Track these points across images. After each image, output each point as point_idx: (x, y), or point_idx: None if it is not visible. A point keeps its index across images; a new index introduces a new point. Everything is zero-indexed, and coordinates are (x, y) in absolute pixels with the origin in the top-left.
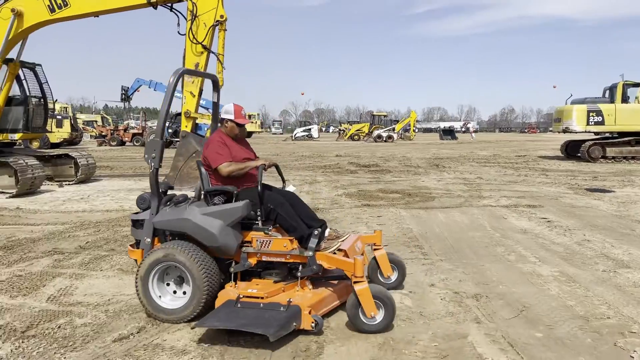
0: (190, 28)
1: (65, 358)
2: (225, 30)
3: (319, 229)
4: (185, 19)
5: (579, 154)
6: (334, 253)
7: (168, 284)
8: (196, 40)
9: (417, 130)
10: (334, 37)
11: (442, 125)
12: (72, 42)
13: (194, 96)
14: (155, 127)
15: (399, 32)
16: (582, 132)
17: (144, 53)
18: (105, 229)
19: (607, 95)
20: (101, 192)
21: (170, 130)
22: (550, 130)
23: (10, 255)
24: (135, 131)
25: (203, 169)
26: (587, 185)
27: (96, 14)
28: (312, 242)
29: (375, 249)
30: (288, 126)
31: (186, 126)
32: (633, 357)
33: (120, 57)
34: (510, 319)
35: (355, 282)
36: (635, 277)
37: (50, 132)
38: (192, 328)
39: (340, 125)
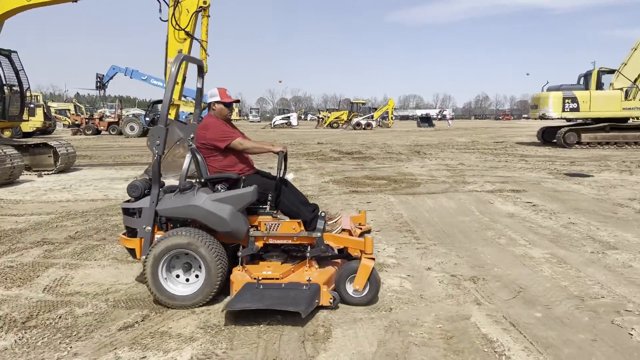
0: (173, 14)
1: (71, 347)
2: (208, 16)
3: (324, 212)
4: (167, 5)
5: (555, 140)
6: (339, 233)
7: (173, 268)
8: (179, 26)
9: (394, 118)
10: (311, 24)
11: (419, 112)
12: (41, 28)
13: (177, 83)
14: (131, 116)
15: (375, 19)
16: (558, 118)
17: (118, 40)
18: (94, 219)
19: (582, 82)
20: (83, 182)
21: (147, 119)
22: (525, 117)
23: None
24: (111, 120)
25: (199, 156)
26: (566, 170)
27: None
28: (320, 224)
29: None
30: (265, 114)
31: (170, 114)
32: (632, 335)
33: (93, 44)
34: (509, 300)
35: (366, 258)
36: (624, 258)
37: (27, 120)
38: (222, 311)
39: (319, 113)
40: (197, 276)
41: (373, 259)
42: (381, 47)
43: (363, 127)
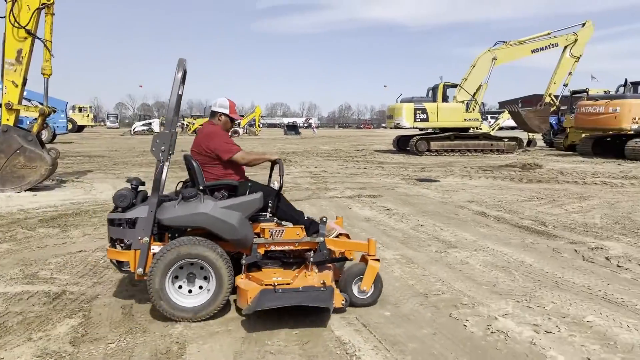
0: (12, 10)
1: None
2: (53, 14)
3: (325, 217)
4: (5, 0)
5: (408, 148)
6: (337, 237)
7: (176, 279)
8: (18, 24)
9: (262, 126)
10: (173, 29)
11: (286, 120)
12: None
13: (17, 86)
14: None
15: (241, 27)
16: (411, 127)
17: None
18: None
19: (430, 94)
20: None
21: None
22: (383, 126)
23: None
24: None
25: (195, 163)
26: (417, 175)
27: None
28: (322, 229)
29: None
30: (125, 120)
31: (7, 119)
32: (466, 326)
33: None
34: None
35: (372, 260)
36: (462, 256)
37: None
38: (245, 314)
39: (183, 120)
40: (201, 287)
41: (378, 260)
42: (248, 54)
43: (230, 134)
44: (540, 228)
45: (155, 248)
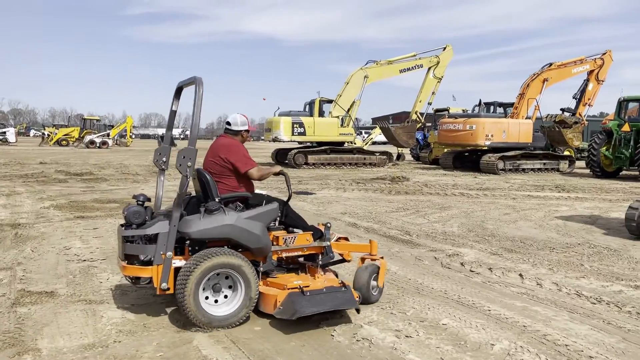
0: None
1: None
2: None
3: (329, 223)
4: None
5: (286, 161)
6: (338, 241)
7: (216, 300)
8: None
9: (134, 136)
10: (34, 30)
11: (160, 131)
12: None
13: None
14: None
15: (112, 32)
16: (289, 141)
17: None
18: None
19: (307, 109)
20: None
21: None
22: (262, 139)
23: None
24: None
25: (208, 177)
26: (294, 188)
27: None
28: (327, 234)
29: None
30: None
31: None
32: (333, 336)
33: None
34: None
35: (374, 259)
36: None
37: None
38: (280, 317)
39: (44, 129)
40: (226, 296)
41: (382, 257)
42: (120, 62)
43: (98, 145)
44: (405, 237)
45: (176, 262)
